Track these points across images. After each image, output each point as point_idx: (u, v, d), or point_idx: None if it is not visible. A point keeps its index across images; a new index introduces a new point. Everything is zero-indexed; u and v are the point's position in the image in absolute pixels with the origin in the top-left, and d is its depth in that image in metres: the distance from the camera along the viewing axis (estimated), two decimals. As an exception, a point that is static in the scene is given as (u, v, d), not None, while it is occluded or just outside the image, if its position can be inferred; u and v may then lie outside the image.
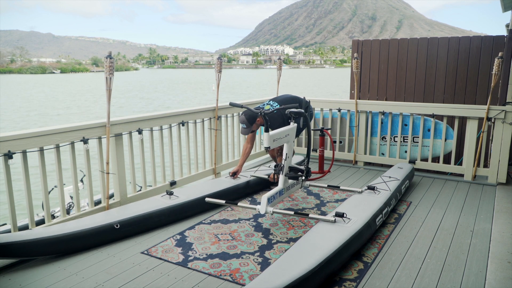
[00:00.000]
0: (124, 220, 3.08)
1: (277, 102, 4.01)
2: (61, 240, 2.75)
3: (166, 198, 3.52)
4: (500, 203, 3.89)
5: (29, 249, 2.64)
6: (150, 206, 3.33)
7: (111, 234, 3.01)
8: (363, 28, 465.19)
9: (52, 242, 2.72)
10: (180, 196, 3.56)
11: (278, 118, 3.81)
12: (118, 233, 3.03)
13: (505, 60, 5.42)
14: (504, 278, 2.48)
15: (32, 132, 2.93)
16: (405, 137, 5.22)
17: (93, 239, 2.92)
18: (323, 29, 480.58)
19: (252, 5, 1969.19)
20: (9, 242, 2.55)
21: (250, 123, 3.71)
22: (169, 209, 3.37)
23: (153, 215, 3.26)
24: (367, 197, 3.54)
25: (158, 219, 3.29)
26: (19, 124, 22.51)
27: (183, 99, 35.49)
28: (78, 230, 2.85)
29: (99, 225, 2.95)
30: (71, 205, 6.41)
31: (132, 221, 3.12)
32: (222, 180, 4.11)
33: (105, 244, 2.97)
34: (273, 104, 3.96)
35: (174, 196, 3.55)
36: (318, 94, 41.96)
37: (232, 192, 3.89)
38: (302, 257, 2.40)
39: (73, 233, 2.82)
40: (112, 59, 3.25)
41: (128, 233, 3.10)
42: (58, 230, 2.80)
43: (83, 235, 2.86)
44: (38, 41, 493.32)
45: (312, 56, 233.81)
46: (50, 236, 2.72)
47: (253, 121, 3.73)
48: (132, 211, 3.21)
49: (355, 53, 6.38)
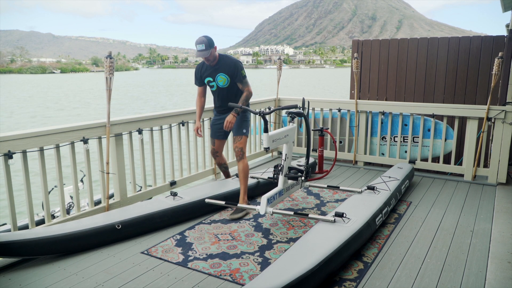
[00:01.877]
0: (126, 220, 3.07)
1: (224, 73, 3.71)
2: (62, 239, 2.75)
3: (169, 199, 3.50)
4: (500, 203, 3.89)
5: (30, 248, 2.63)
6: (152, 207, 3.31)
7: (113, 234, 3.00)
8: (363, 28, 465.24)
9: (53, 242, 2.71)
10: (184, 197, 3.53)
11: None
12: (120, 233, 3.03)
13: (505, 60, 5.42)
14: (504, 278, 2.48)
15: (32, 132, 2.93)
16: (405, 137, 5.22)
17: (94, 239, 2.92)
18: (323, 29, 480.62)
19: (252, 5, 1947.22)
20: (9, 241, 2.55)
21: (209, 45, 3.49)
22: (171, 210, 3.35)
23: (155, 216, 3.24)
24: (367, 197, 3.54)
25: (160, 220, 3.27)
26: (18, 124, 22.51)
27: (183, 101, 35.55)
28: (80, 230, 2.84)
29: (100, 225, 2.95)
30: (71, 205, 6.41)
31: (133, 222, 3.11)
32: (228, 181, 4.08)
33: (107, 245, 2.97)
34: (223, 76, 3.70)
35: (178, 197, 3.52)
36: (318, 94, 41.94)
37: (238, 194, 3.80)
38: (302, 257, 2.40)
39: (75, 232, 2.81)
40: (112, 59, 3.25)
41: (129, 233, 3.09)
42: (59, 229, 2.80)
43: (85, 235, 2.85)
44: (38, 41, 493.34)
45: (312, 56, 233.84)
46: (52, 235, 2.72)
47: (212, 43, 3.51)
48: (134, 212, 3.20)
49: (355, 53, 6.38)
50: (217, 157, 4.08)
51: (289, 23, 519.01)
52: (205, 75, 3.77)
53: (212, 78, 3.73)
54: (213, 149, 4.03)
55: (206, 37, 3.52)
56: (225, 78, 3.69)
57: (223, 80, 3.70)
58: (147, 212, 3.22)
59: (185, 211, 3.43)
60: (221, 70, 3.67)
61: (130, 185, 3.82)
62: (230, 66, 3.66)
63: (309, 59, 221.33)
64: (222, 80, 3.71)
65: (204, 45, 3.48)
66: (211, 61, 3.62)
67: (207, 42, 3.49)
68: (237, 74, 3.66)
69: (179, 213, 3.39)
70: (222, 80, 3.71)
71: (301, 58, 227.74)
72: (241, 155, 3.69)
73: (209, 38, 3.53)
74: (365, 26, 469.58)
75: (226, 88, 3.74)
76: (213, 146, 4.02)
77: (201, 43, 3.48)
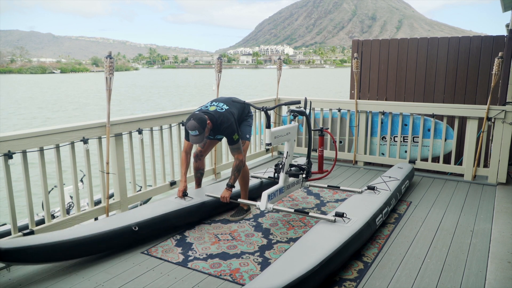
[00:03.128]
0: (142, 221, 2.99)
1: (221, 102, 3.49)
2: (80, 243, 2.64)
3: (180, 199, 3.44)
4: (500, 203, 3.89)
5: (47, 254, 2.50)
6: (166, 208, 3.24)
7: (130, 236, 2.92)
8: (363, 28, 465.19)
9: (70, 246, 2.59)
10: (195, 198, 3.49)
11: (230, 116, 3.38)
12: (136, 235, 2.95)
13: (505, 60, 5.42)
14: (504, 278, 2.48)
15: (32, 132, 2.93)
16: (405, 137, 5.22)
17: (114, 241, 2.84)
18: (323, 29, 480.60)
19: (252, 5, 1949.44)
20: (24, 246, 2.41)
21: (203, 128, 3.12)
22: (186, 210, 3.31)
23: (170, 216, 3.19)
24: (367, 197, 3.54)
25: (176, 220, 3.23)
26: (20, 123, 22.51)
27: (182, 102, 35.53)
28: (98, 232, 2.74)
29: (117, 227, 2.85)
30: (71, 205, 6.42)
31: (150, 223, 3.04)
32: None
33: (124, 247, 2.92)
34: (218, 105, 3.43)
35: (189, 197, 3.48)
36: (318, 94, 41.94)
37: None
38: (302, 257, 2.40)
39: (93, 235, 2.71)
40: (112, 59, 3.25)
41: (146, 235, 3.03)
42: (75, 233, 2.69)
43: (104, 238, 2.76)
44: (38, 41, 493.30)
45: (312, 56, 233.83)
46: (68, 239, 2.59)
47: (205, 125, 3.14)
48: (149, 213, 3.12)
49: (355, 53, 6.38)
50: (199, 160, 3.69)
51: (289, 23, 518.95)
52: None
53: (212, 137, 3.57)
54: (200, 151, 3.67)
55: (195, 119, 3.10)
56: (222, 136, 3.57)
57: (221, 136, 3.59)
58: (162, 212, 3.17)
59: (198, 211, 3.41)
60: (218, 133, 3.45)
61: (130, 185, 3.82)
62: (225, 132, 3.33)
63: (309, 59, 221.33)
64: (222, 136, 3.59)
65: (197, 131, 3.10)
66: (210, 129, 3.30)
67: (199, 126, 3.10)
68: (229, 141, 3.38)
69: (192, 213, 3.36)
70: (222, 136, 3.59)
71: (301, 58, 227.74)
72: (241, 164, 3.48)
73: (199, 121, 3.11)
74: (365, 26, 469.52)
75: None
76: (200, 148, 3.66)
77: (194, 130, 3.09)
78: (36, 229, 2.98)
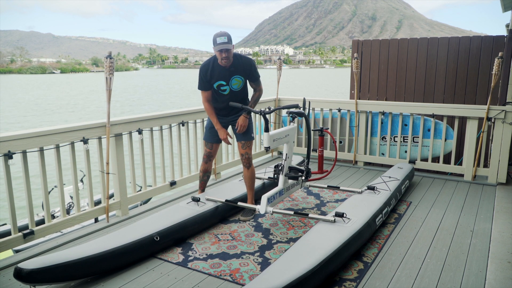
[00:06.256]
0: (162, 231, 2.90)
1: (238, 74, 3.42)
2: (104, 258, 2.52)
3: (193, 204, 3.38)
4: (500, 203, 3.89)
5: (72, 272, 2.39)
6: (181, 215, 3.16)
7: (152, 247, 2.82)
8: (363, 28, 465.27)
9: (95, 261, 2.48)
10: (207, 203, 3.44)
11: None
12: (158, 245, 2.86)
13: (505, 60, 5.42)
14: (504, 278, 2.48)
15: (32, 132, 2.92)
16: (405, 137, 5.22)
17: (136, 254, 2.73)
18: (323, 29, 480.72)
19: (252, 5, 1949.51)
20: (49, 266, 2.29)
21: (230, 40, 3.16)
22: (201, 217, 3.24)
23: (188, 224, 3.11)
24: (367, 197, 3.54)
25: (192, 227, 3.15)
26: (20, 124, 22.51)
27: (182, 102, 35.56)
28: (121, 245, 2.63)
29: (138, 238, 2.75)
30: (71, 205, 6.42)
31: (170, 232, 2.95)
32: (235, 183, 4.02)
33: (146, 259, 2.80)
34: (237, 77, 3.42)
35: (201, 202, 3.43)
36: (318, 94, 41.93)
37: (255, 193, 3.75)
38: (302, 257, 2.40)
39: (118, 248, 2.61)
40: (112, 59, 3.25)
41: (165, 244, 2.93)
42: (98, 247, 2.56)
43: (126, 250, 2.65)
44: (38, 41, 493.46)
45: (312, 56, 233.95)
46: (92, 255, 2.48)
47: (231, 41, 3.19)
48: (166, 221, 3.03)
49: (355, 53, 6.38)
50: (209, 161, 3.67)
51: (289, 23, 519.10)
52: (216, 78, 3.36)
53: (226, 82, 3.36)
54: (210, 152, 3.64)
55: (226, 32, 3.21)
56: (240, 81, 3.39)
57: (238, 83, 3.39)
58: (180, 220, 3.08)
59: (213, 216, 3.36)
60: (237, 72, 3.34)
61: (130, 185, 3.82)
62: (246, 67, 3.34)
63: (309, 59, 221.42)
64: (237, 83, 3.39)
65: (226, 38, 3.13)
66: (228, 61, 3.24)
67: (229, 35, 3.15)
68: (253, 74, 3.38)
69: (207, 219, 3.29)
70: (237, 83, 3.39)
71: (301, 58, 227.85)
72: (250, 162, 3.52)
73: (228, 34, 3.19)
74: (365, 26, 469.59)
75: (239, 91, 3.44)
76: (209, 150, 3.63)
77: (223, 35, 3.13)
78: (36, 229, 2.98)
